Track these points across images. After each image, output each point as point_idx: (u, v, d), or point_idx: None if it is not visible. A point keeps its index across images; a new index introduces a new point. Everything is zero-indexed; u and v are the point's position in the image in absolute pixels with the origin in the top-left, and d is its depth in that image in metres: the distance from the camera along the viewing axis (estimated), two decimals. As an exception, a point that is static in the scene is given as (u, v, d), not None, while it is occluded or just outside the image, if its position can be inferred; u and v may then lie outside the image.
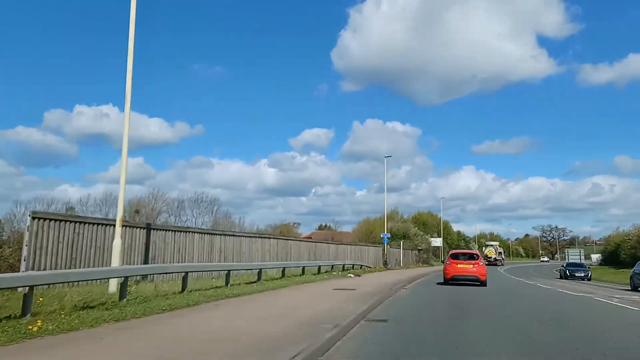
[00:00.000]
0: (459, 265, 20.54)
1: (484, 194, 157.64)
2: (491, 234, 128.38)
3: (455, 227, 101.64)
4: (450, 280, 20.60)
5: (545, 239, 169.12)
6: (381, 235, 42.82)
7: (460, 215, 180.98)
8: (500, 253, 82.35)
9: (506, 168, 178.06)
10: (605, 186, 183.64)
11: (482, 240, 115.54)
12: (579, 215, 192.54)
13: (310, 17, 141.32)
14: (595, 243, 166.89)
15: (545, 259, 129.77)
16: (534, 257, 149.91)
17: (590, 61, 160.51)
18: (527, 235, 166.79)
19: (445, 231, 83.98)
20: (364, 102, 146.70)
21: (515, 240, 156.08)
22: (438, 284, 22.30)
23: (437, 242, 71.79)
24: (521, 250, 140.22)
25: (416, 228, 55.21)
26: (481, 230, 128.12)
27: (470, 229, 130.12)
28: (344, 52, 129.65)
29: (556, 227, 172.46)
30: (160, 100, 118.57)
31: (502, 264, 78.27)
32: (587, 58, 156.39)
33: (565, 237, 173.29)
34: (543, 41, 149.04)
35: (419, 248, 52.59)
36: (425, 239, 57.10)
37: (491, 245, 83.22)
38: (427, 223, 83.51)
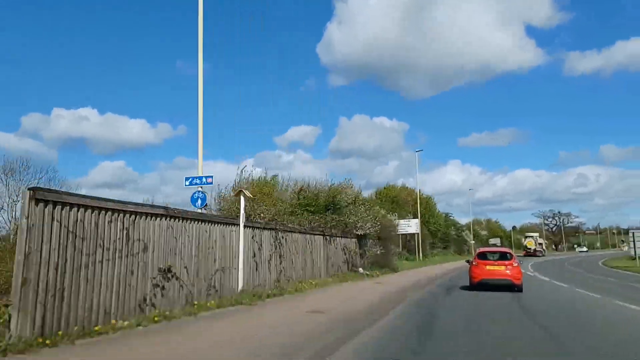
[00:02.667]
0: (488, 267, 16.58)
1: (471, 188, 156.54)
2: (488, 220, 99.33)
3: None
4: (478, 285, 16.46)
5: (546, 227, 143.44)
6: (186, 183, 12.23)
7: (447, 209, 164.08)
8: (540, 244, 79.48)
9: (493, 161, 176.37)
10: (590, 176, 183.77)
11: (476, 228, 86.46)
12: (563, 207, 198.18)
13: (294, 8, 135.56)
14: (585, 233, 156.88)
15: (584, 249, 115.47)
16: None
17: (578, 48, 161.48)
18: (514, 227, 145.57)
19: (426, 211, 53.99)
20: (351, 97, 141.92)
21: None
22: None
23: (410, 226, 41.73)
24: (523, 241, 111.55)
25: (353, 197, 24.80)
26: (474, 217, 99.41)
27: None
28: (330, 46, 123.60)
29: (559, 212, 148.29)
30: (142, 100, 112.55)
31: (543, 255, 74.78)
32: (576, 45, 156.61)
33: (570, 224, 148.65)
34: (532, 31, 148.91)
35: (359, 233, 22.35)
36: (379, 215, 26.82)
37: (531, 237, 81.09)
38: (398, 200, 53.61)
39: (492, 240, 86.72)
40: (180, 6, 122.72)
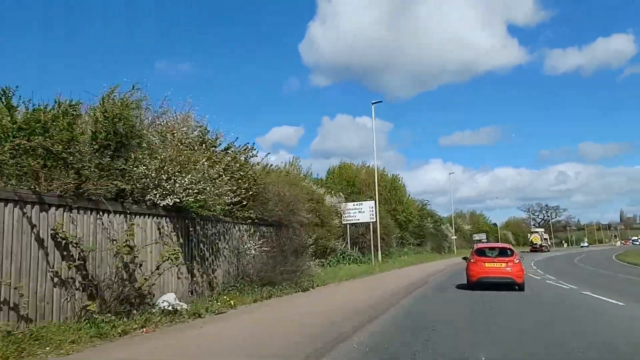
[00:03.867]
0: (487, 264, 15.28)
1: (453, 187, 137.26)
2: (471, 213, 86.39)
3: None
4: (476, 284, 15.00)
5: (533, 222, 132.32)
6: None
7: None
8: (545, 239, 79.45)
9: (475, 160, 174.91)
10: (570, 173, 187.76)
11: (459, 221, 73.39)
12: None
13: (276, 6, 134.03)
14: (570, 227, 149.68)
15: (585, 244, 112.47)
16: (524, 244, 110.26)
17: (560, 46, 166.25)
18: (495, 224, 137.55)
19: (392, 196, 40.23)
20: (334, 97, 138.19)
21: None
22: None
23: (362, 212, 27.84)
24: (510, 236, 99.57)
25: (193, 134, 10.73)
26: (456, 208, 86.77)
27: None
28: (313, 45, 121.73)
29: (546, 205, 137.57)
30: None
31: (549, 250, 74.96)
32: (557, 43, 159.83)
33: (558, 218, 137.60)
34: (514, 30, 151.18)
35: (164, 203, 7.95)
36: (263, 174, 12.62)
37: (536, 232, 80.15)
38: (355, 182, 39.76)
39: (476, 236, 73.75)
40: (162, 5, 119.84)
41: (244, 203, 11.86)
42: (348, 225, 27.73)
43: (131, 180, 8.52)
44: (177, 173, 8.96)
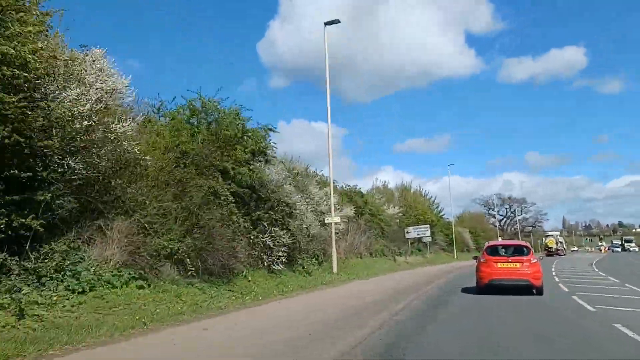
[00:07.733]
0: (499, 265, 13.72)
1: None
2: (404, 190, 47.61)
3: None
4: (487, 287, 13.46)
5: (493, 218, 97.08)
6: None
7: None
8: (560, 242, 71.82)
9: (425, 167, 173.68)
10: (515, 182, 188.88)
11: (380, 203, 34.12)
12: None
13: (236, 3, 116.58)
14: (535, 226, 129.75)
15: (575, 248, 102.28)
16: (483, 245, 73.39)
17: (514, 55, 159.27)
18: (438, 212, 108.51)
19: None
20: (291, 100, 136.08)
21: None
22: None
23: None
24: (467, 235, 63.25)
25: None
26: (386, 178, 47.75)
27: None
28: (272, 45, 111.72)
29: (509, 197, 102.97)
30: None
31: (565, 254, 68.59)
32: (513, 52, 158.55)
33: (525, 215, 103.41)
34: (471, 39, 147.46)
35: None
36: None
37: (551, 235, 73.65)
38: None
39: (412, 232, 35.18)
40: None
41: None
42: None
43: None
44: None
